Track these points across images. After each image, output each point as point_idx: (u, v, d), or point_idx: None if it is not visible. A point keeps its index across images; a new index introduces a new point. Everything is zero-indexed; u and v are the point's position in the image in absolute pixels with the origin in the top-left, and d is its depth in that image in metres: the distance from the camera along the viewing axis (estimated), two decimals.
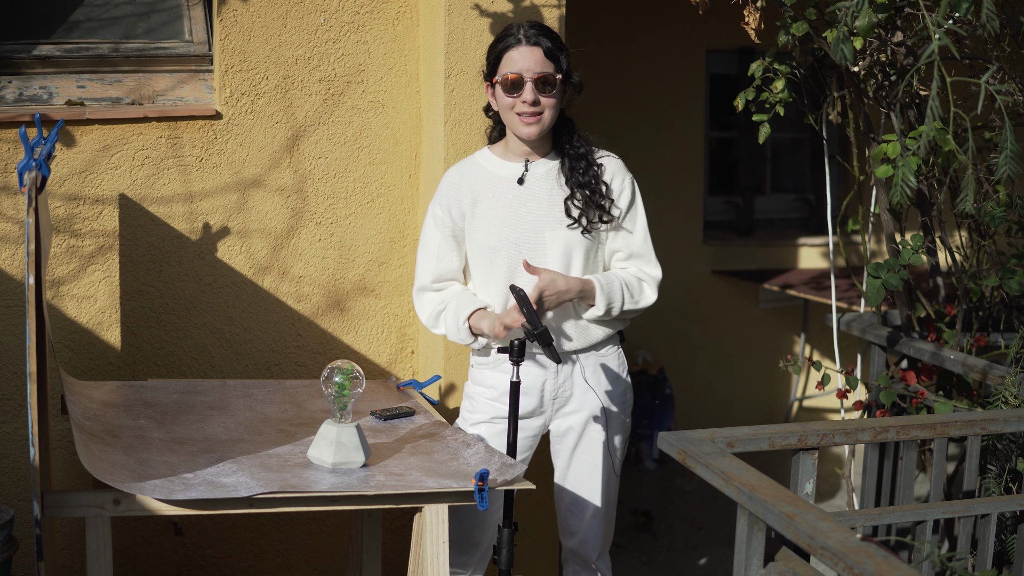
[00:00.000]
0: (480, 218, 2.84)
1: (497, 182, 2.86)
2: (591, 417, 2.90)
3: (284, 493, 2.35)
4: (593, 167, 2.84)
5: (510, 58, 2.76)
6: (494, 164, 2.88)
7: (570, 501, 2.97)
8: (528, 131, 2.78)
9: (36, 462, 2.21)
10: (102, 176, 3.20)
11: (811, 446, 2.48)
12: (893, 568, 1.75)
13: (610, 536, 3.03)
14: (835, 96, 3.56)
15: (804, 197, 5.95)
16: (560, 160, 2.85)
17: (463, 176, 2.89)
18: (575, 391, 2.89)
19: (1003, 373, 3.07)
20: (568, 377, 2.88)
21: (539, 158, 2.86)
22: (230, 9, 3.24)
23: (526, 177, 2.85)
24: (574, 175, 2.82)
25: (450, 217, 2.87)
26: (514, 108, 2.77)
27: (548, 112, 2.77)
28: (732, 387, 5.74)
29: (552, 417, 2.92)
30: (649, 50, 5.41)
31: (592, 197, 2.81)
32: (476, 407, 2.94)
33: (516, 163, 2.86)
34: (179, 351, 3.32)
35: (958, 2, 2.42)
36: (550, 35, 2.79)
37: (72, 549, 3.23)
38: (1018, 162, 2.42)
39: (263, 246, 3.36)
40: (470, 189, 2.86)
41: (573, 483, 2.95)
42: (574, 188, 2.82)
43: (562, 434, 2.94)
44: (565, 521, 3.00)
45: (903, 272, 3.17)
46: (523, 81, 2.74)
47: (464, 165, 2.92)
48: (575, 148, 2.85)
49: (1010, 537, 3.02)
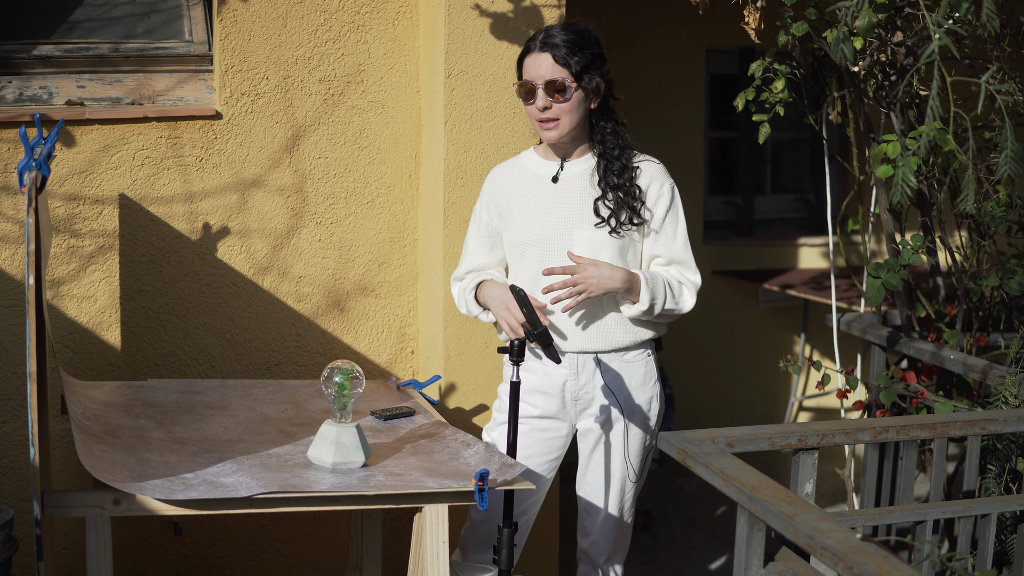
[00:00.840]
0: (516, 213, 2.90)
1: (534, 180, 2.91)
2: (611, 422, 2.91)
3: (284, 493, 2.35)
4: (628, 170, 2.85)
5: (526, 65, 2.82)
6: (534, 163, 2.94)
7: (586, 502, 2.99)
8: (548, 135, 2.83)
9: (36, 462, 2.21)
10: (102, 176, 3.20)
11: (811, 446, 2.48)
12: (893, 568, 1.75)
13: (622, 543, 3.03)
14: (835, 96, 3.55)
15: (804, 197, 5.95)
16: (596, 161, 2.87)
17: (503, 174, 2.97)
18: (596, 394, 2.89)
19: (1003, 373, 3.07)
20: (589, 380, 2.89)
21: (576, 157, 2.90)
22: (230, 9, 3.24)
23: (560, 176, 2.89)
24: (608, 176, 2.84)
25: (487, 213, 2.96)
26: (532, 115, 2.82)
27: (565, 117, 2.79)
28: (732, 387, 5.73)
29: (577, 418, 2.93)
30: (649, 50, 5.41)
31: (624, 199, 2.83)
32: (503, 406, 2.97)
33: (554, 162, 2.91)
34: (179, 351, 3.32)
35: (958, 2, 2.42)
36: (570, 38, 2.79)
37: (72, 549, 3.23)
38: (1018, 162, 2.42)
39: (263, 246, 3.36)
40: (508, 186, 2.94)
41: (590, 485, 2.97)
42: (606, 189, 2.84)
43: (584, 434, 2.96)
44: (581, 520, 3.03)
45: (903, 272, 3.17)
46: (534, 88, 2.78)
47: (508, 163, 3.00)
48: (610, 150, 2.86)
49: (1010, 537, 3.02)
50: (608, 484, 2.95)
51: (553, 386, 2.89)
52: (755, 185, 5.85)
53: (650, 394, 2.94)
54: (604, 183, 2.84)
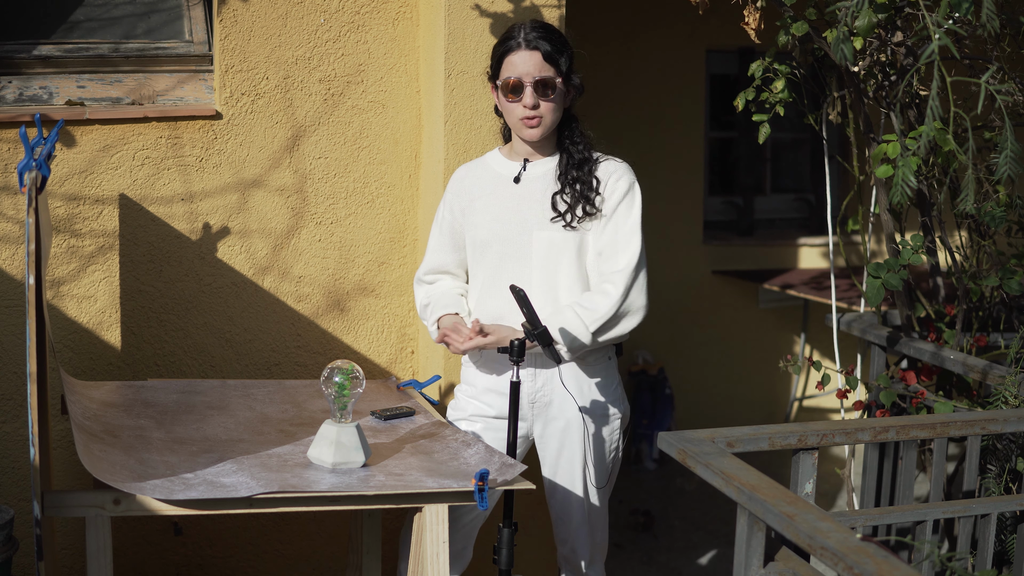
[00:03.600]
0: (477, 213, 2.90)
1: (497, 180, 2.90)
2: (572, 426, 2.86)
3: (284, 493, 2.35)
4: (589, 162, 2.84)
5: (510, 62, 2.79)
6: (498, 163, 2.93)
7: (558, 509, 2.95)
8: (529, 134, 2.81)
9: (36, 462, 2.21)
10: (102, 176, 3.20)
11: (811, 446, 2.48)
12: (893, 568, 1.75)
13: (600, 546, 3.00)
14: (835, 96, 3.55)
15: (804, 197, 5.95)
16: (559, 157, 2.87)
17: (468, 173, 2.97)
18: (555, 397, 2.86)
19: (1003, 373, 3.07)
20: (547, 381, 2.86)
21: (540, 158, 2.89)
22: (230, 9, 3.24)
23: (523, 176, 2.88)
24: (568, 171, 2.84)
25: (450, 212, 2.96)
26: (515, 112, 2.79)
27: (548, 115, 2.79)
28: (732, 387, 5.74)
29: (534, 422, 2.91)
30: (649, 50, 5.41)
31: (581, 191, 2.81)
32: (458, 404, 2.98)
33: (517, 162, 2.91)
34: (179, 351, 3.32)
35: (958, 2, 2.42)
36: (551, 37, 2.80)
37: (72, 549, 3.23)
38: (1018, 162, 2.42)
39: (263, 246, 3.36)
40: (471, 186, 2.93)
41: (558, 492, 2.93)
42: (565, 183, 2.83)
43: (544, 441, 2.91)
44: (555, 528, 2.99)
45: (903, 272, 3.17)
46: (523, 86, 2.77)
47: (473, 163, 3.00)
48: (575, 145, 2.86)
49: (1010, 537, 3.02)
50: (576, 490, 2.90)
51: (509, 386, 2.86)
52: (755, 185, 5.85)
53: (612, 397, 2.90)
54: (564, 177, 2.83)
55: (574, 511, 2.92)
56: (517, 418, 2.68)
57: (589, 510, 2.92)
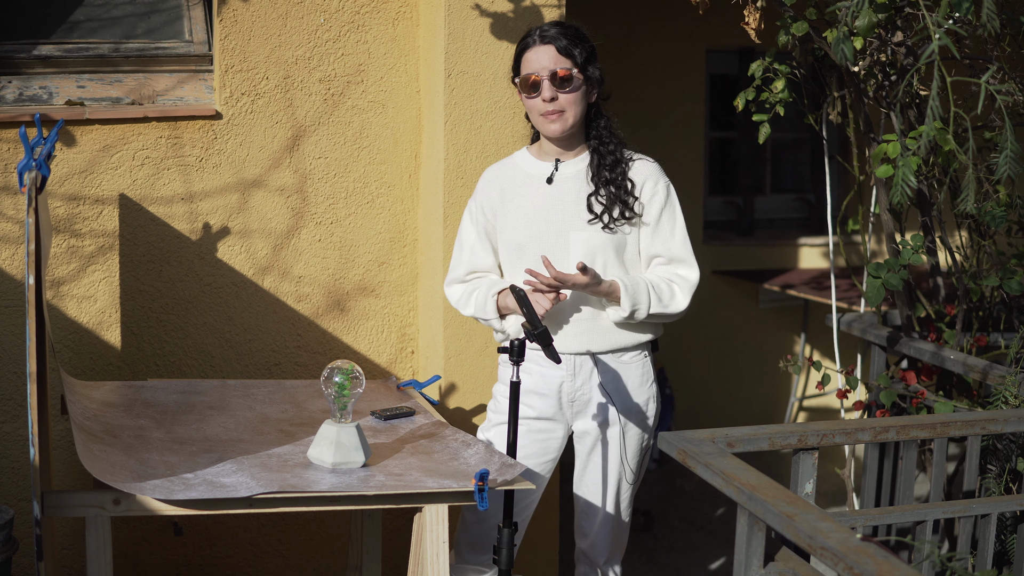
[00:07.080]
0: (510, 215, 2.88)
1: (528, 181, 2.89)
2: (608, 424, 2.90)
3: (284, 493, 2.35)
4: (621, 163, 2.85)
5: (527, 59, 2.81)
6: (528, 163, 2.92)
7: (584, 503, 2.98)
8: (552, 128, 2.80)
9: (36, 462, 2.21)
10: (102, 176, 3.20)
11: (811, 446, 2.48)
12: (893, 568, 1.75)
13: (620, 543, 3.04)
14: (835, 96, 3.56)
15: (804, 197, 5.95)
16: (590, 158, 2.87)
17: (497, 174, 2.95)
18: (593, 395, 2.89)
19: (1003, 373, 3.07)
20: (586, 381, 2.88)
21: (571, 158, 2.88)
22: (230, 9, 3.24)
23: (555, 176, 2.87)
24: (600, 171, 2.84)
25: (483, 214, 2.93)
26: (536, 107, 2.80)
27: (570, 109, 2.79)
28: (732, 387, 5.73)
29: (574, 419, 2.93)
30: (649, 50, 5.41)
31: (616, 193, 2.82)
32: (498, 406, 2.96)
33: (548, 162, 2.90)
34: (179, 351, 3.32)
35: (958, 2, 2.42)
36: (566, 31, 2.80)
37: (72, 549, 3.23)
38: (1018, 162, 2.42)
39: (263, 246, 3.36)
40: (502, 187, 2.91)
41: (587, 486, 2.97)
42: (599, 184, 2.83)
43: (580, 436, 2.95)
44: (579, 522, 3.03)
45: (903, 272, 3.17)
46: (539, 80, 2.77)
47: (501, 164, 2.98)
48: (604, 144, 2.86)
49: (1010, 537, 3.02)
50: (605, 485, 2.95)
51: (550, 387, 2.88)
52: (755, 185, 5.85)
53: (647, 395, 2.94)
54: (597, 178, 2.83)
55: (603, 505, 2.95)
56: (517, 418, 2.68)
57: (617, 505, 2.96)
